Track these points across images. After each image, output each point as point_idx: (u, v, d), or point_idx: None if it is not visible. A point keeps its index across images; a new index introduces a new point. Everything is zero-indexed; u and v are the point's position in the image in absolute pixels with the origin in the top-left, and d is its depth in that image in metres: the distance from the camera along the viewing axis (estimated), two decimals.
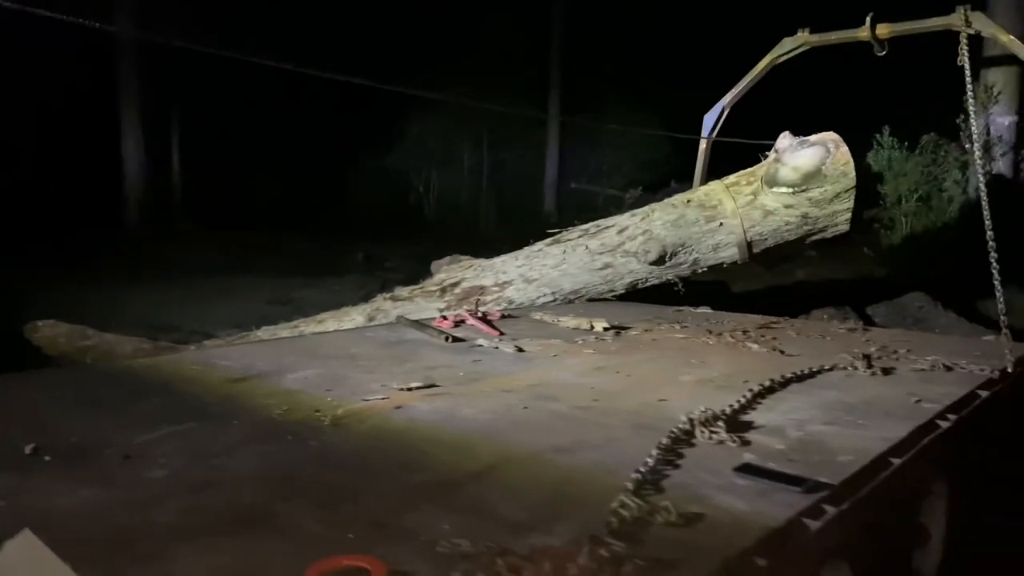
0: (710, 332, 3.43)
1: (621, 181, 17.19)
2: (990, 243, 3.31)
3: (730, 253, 4.22)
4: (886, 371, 2.70)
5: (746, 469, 1.69)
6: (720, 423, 1.96)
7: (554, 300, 4.30)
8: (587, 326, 3.41)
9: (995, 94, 7.73)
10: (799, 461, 1.77)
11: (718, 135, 5.21)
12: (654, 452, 1.74)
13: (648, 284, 4.41)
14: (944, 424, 2.15)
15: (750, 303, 5.47)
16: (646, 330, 3.48)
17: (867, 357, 2.84)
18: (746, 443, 1.89)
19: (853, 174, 3.96)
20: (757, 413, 2.15)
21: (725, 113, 5.17)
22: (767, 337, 3.32)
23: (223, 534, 1.33)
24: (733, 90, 5.11)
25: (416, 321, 3.36)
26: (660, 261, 4.19)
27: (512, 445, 1.82)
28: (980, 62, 7.79)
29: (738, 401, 2.20)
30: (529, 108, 17.45)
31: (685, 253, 4.22)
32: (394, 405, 2.12)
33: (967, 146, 7.59)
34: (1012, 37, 4.35)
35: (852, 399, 2.32)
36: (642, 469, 1.63)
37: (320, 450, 1.78)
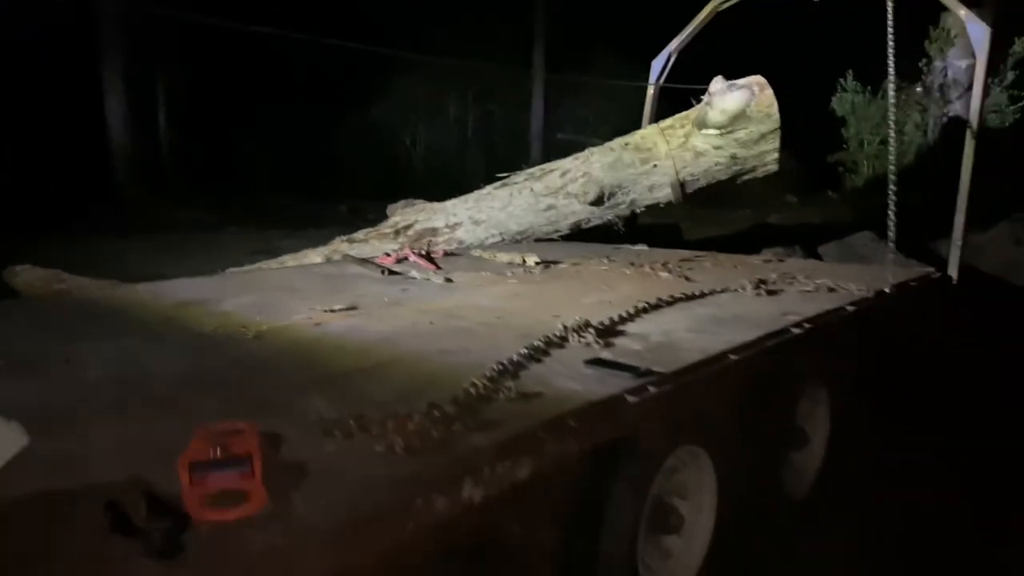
0: (632, 264, 3.71)
1: (607, 131, 17.27)
2: (891, 176, 3.55)
3: (664, 193, 4.47)
4: (772, 292, 2.99)
5: (595, 362, 1.99)
6: (591, 330, 2.26)
7: (502, 240, 4.57)
8: (519, 261, 3.69)
9: (953, 37, 7.87)
10: (649, 358, 2.06)
11: (666, 81, 5.41)
12: (523, 350, 2.03)
13: (591, 224, 4.66)
14: (797, 331, 2.42)
15: (714, 245, 5.72)
16: (574, 264, 3.76)
17: (762, 281, 3.13)
18: (610, 345, 2.19)
19: (777, 116, 4.19)
20: (633, 324, 2.44)
21: (672, 59, 5.35)
22: (683, 268, 3.60)
23: (133, 415, 1.62)
24: (679, 37, 5.29)
25: (361, 258, 3.64)
26: (599, 201, 4.45)
27: (405, 350, 2.12)
28: (939, 5, 7.91)
29: (619, 315, 2.49)
30: (514, 61, 17.47)
31: (622, 194, 4.47)
32: (314, 323, 2.41)
33: (919, 89, 7.78)
34: None
35: (725, 314, 2.61)
36: (504, 362, 1.92)
37: (236, 356, 2.07)
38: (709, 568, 2.35)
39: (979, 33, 4.25)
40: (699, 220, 9.71)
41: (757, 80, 4.25)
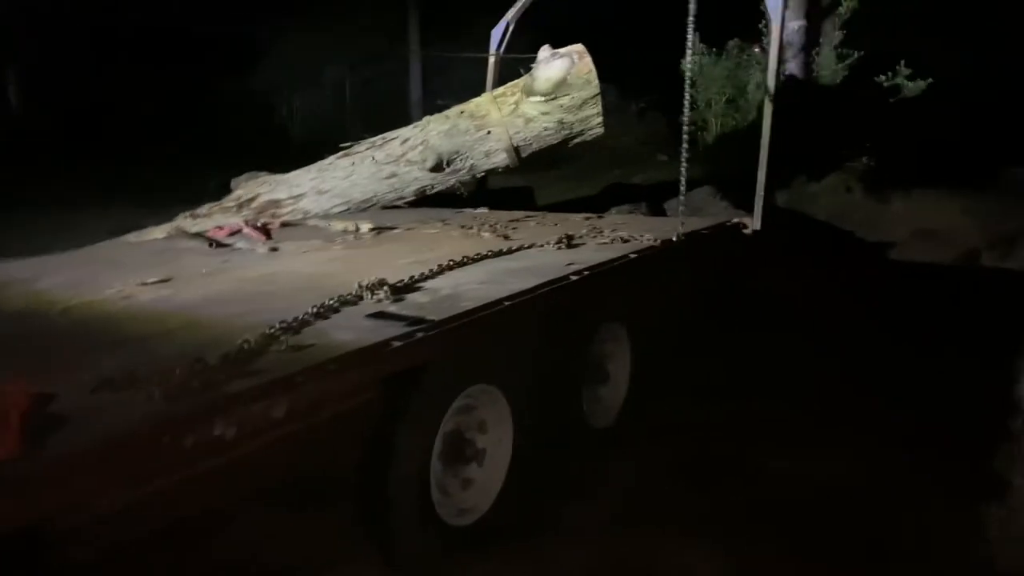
0: (463, 227, 3.95)
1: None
2: (684, 136, 3.89)
3: (501, 158, 4.70)
4: (572, 246, 3.29)
5: (376, 315, 2.21)
6: (385, 288, 2.47)
7: (347, 209, 4.70)
8: (353, 228, 3.86)
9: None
10: (429, 309, 2.30)
11: (505, 51, 5.63)
12: (311, 309, 2.23)
13: (435, 190, 4.85)
14: (575, 278, 2.72)
15: (567, 205, 6.02)
16: (408, 228, 3.97)
17: (568, 236, 3.42)
18: (400, 300, 2.42)
19: (596, 82, 4.48)
20: (432, 281, 2.68)
21: (511, 29, 5.57)
22: (507, 228, 3.86)
23: None
24: (514, 7, 5.50)
25: (193, 232, 3.73)
26: (438, 168, 4.64)
27: (203, 315, 2.27)
28: None
29: (422, 273, 2.73)
30: (390, 30, 17.32)
31: (461, 160, 4.68)
32: (123, 296, 2.53)
33: (757, 49, 8.32)
34: None
35: (519, 266, 2.89)
36: (289, 319, 2.12)
37: (37, 328, 2.18)
38: (513, 492, 2.65)
39: (774, 1, 4.66)
40: (567, 181, 10.07)
41: (577, 49, 4.52)
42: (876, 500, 2.87)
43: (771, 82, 4.79)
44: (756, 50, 8.53)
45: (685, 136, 3.85)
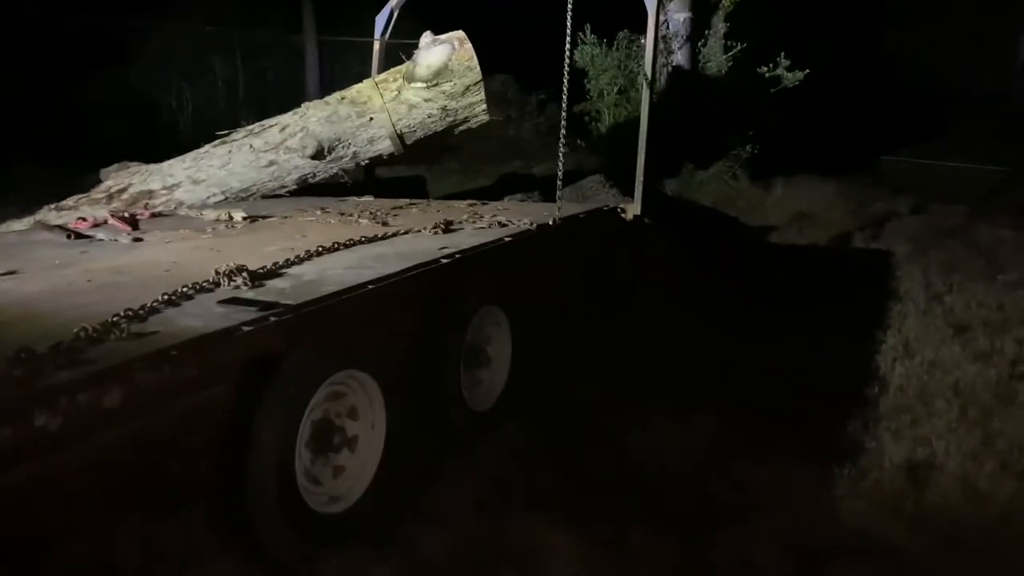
0: (342, 214, 3.89)
1: None
2: (562, 129, 3.95)
3: (384, 145, 4.66)
4: (449, 231, 3.29)
5: (229, 301, 2.15)
6: (244, 274, 2.41)
7: (225, 199, 4.56)
8: (225, 217, 3.74)
9: None
10: (289, 294, 2.25)
11: (391, 37, 5.56)
12: (162, 297, 2.15)
13: (318, 178, 4.77)
14: (445, 262, 2.72)
15: (467, 196, 5.96)
16: (285, 217, 3.87)
17: (446, 222, 3.42)
18: (260, 286, 2.36)
19: (478, 68, 4.50)
20: (297, 267, 2.63)
21: (395, 14, 5.51)
22: (388, 215, 3.83)
23: None
24: None
25: (52, 224, 3.53)
26: (319, 155, 4.56)
27: (44, 307, 2.15)
28: None
29: (287, 259, 2.67)
30: (282, 21, 16.83)
31: (343, 147, 4.61)
32: None
33: (643, 40, 8.51)
34: None
35: (391, 252, 2.87)
36: (135, 308, 2.03)
37: None
38: (387, 478, 2.63)
39: None
40: (465, 173, 10.04)
41: (457, 35, 4.52)
42: (737, 467, 2.98)
43: (648, 70, 4.93)
44: (642, 41, 8.72)
45: (563, 124, 3.92)
